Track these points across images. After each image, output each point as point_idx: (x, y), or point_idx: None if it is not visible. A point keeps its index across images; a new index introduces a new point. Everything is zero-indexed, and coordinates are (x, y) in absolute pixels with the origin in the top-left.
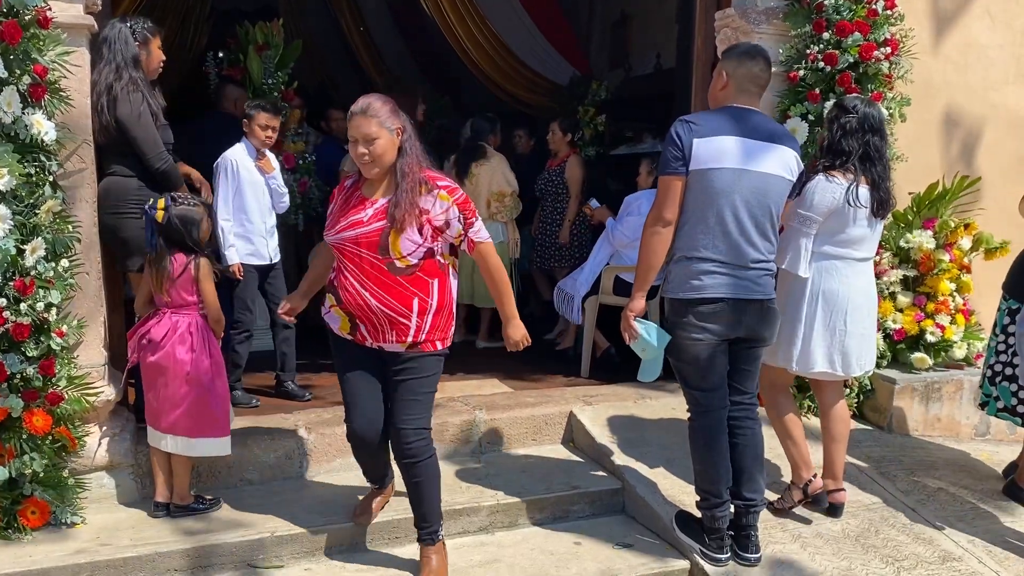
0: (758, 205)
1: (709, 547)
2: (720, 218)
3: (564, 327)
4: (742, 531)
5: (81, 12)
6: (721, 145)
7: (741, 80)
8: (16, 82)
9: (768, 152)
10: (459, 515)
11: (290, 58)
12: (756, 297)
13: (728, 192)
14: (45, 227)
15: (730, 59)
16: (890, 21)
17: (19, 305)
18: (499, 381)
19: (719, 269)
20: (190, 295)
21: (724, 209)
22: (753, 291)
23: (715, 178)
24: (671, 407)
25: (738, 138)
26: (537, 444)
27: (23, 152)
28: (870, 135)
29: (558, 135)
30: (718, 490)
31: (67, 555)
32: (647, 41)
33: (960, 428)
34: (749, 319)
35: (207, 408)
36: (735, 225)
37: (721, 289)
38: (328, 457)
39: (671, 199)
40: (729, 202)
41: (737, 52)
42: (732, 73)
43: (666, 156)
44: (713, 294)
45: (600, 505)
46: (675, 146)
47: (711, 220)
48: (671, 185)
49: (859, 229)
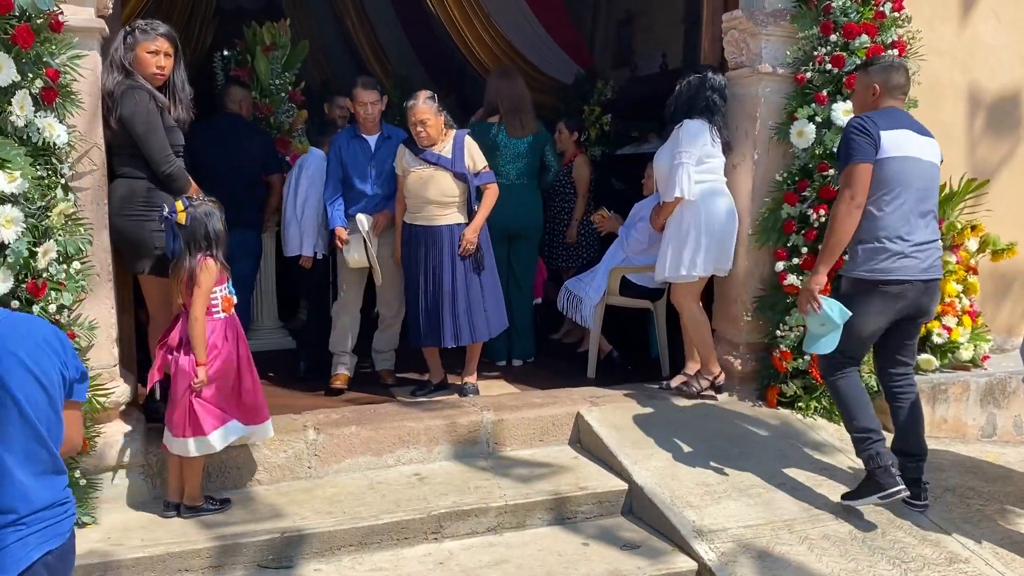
0: (928, 190)
1: (884, 486)
2: (905, 203)
3: (571, 326)
4: (914, 484)
5: (92, 16)
6: (900, 137)
7: (892, 89)
8: (28, 85)
9: (929, 143)
10: (467, 516)
11: (297, 58)
12: (933, 277)
13: (911, 179)
14: (57, 229)
15: (877, 71)
16: (897, 23)
17: (31, 307)
18: (506, 382)
19: (906, 250)
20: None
21: (910, 194)
22: (930, 272)
23: (901, 166)
24: (678, 408)
25: (910, 131)
26: (544, 445)
27: (35, 155)
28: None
29: (564, 134)
30: (877, 427)
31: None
32: (653, 41)
33: (966, 429)
34: (924, 298)
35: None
36: (916, 209)
37: (908, 271)
38: (337, 457)
39: (864, 183)
40: (912, 188)
41: (883, 64)
42: (883, 83)
43: (856, 145)
44: (901, 276)
45: (608, 506)
46: (866, 135)
47: (899, 205)
48: (864, 171)
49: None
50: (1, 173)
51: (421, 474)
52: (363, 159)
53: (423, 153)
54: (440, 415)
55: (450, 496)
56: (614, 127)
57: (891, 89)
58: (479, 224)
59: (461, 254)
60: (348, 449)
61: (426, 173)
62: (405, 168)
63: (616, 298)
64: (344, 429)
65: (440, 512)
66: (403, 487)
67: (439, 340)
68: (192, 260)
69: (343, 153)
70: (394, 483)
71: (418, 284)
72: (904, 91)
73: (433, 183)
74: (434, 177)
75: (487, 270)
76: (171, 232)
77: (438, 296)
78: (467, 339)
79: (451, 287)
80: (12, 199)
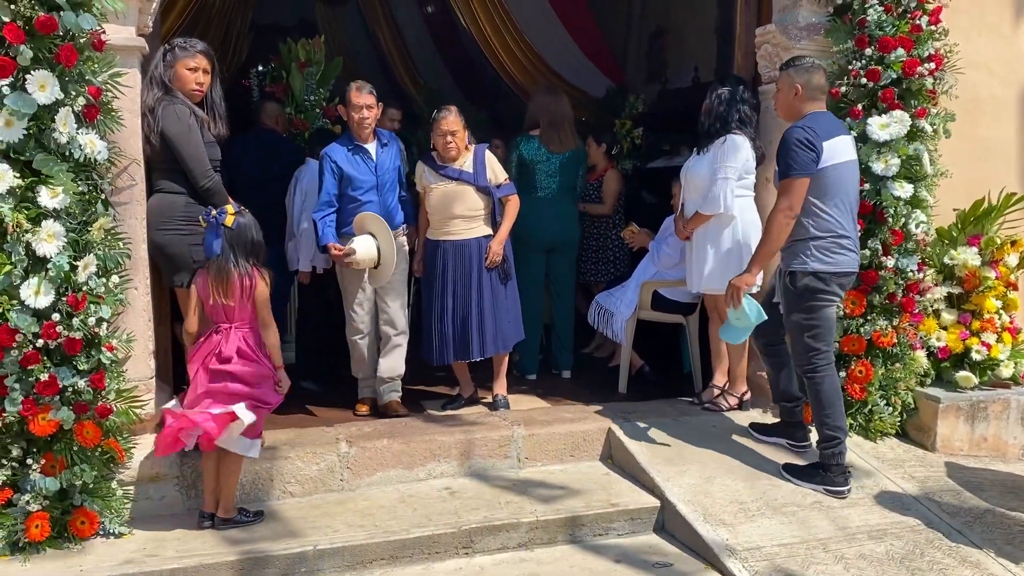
0: (856, 188)
1: (835, 482)
2: (844, 202)
3: (601, 340)
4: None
5: (133, 34)
6: (838, 143)
7: (813, 90)
8: (71, 103)
9: (851, 142)
10: (498, 531)
11: (331, 75)
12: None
13: (847, 181)
14: (97, 244)
15: (799, 72)
16: (934, 36)
17: (71, 320)
18: (536, 396)
19: (850, 245)
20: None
21: (847, 194)
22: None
23: (840, 170)
24: (711, 425)
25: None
26: (575, 460)
27: (76, 171)
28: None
29: (594, 148)
30: (844, 427)
31: (115, 565)
32: (685, 54)
33: (1007, 448)
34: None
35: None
36: (851, 208)
37: (852, 264)
38: (369, 470)
39: (802, 195)
40: (849, 188)
41: (804, 66)
42: (805, 84)
43: (799, 159)
44: (849, 268)
45: (639, 523)
46: (809, 149)
47: (840, 204)
48: (803, 184)
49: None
50: (44, 189)
51: (452, 488)
52: (367, 170)
53: (444, 169)
54: (471, 429)
55: (481, 511)
56: (645, 140)
57: (812, 90)
58: (504, 235)
59: (488, 266)
60: (380, 462)
61: (449, 188)
62: (426, 185)
63: (648, 312)
64: (376, 442)
65: (471, 527)
66: (434, 501)
67: (468, 353)
68: (240, 268)
69: (344, 166)
70: (425, 497)
71: (444, 300)
72: (824, 91)
73: (458, 198)
74: (458, 192)
75: (511, 281)
76: (213, 233)
77: (467, 309)
78: (497, 349)
79: (479, 299)
80: (54, 214)
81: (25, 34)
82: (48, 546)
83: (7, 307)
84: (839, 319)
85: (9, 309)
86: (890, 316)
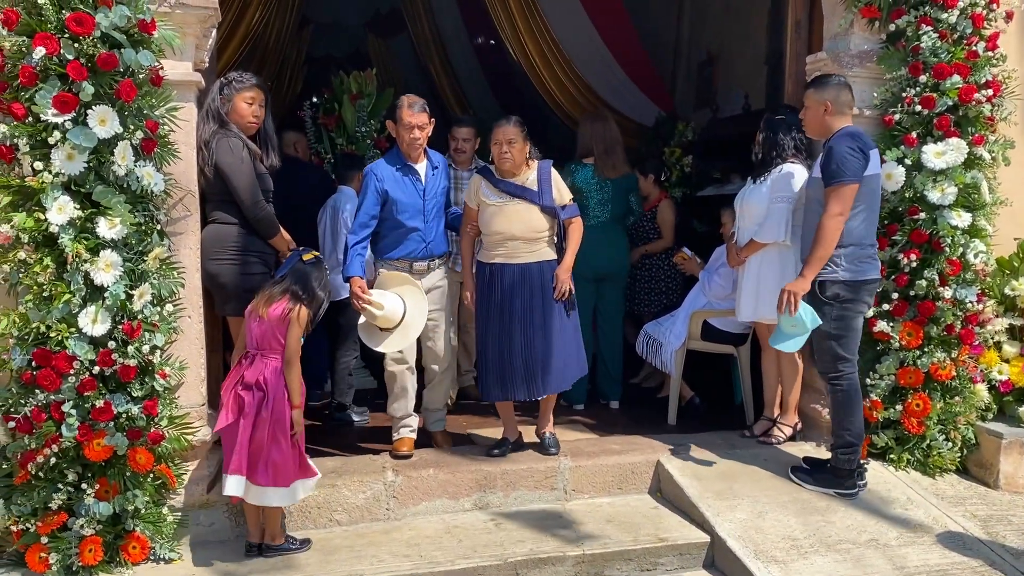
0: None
1: (848, 487)
2: (873, 212)
3: (650, 371)
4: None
5: (190, 69)
6: (875, 156)
7: (841, 106)
8: (130, 137)
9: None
10: (544, 564)
11: (382, 106)
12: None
13: (877, 192)
14: (152, 273)
15: (827, 89)
16: (991, 62)
17: (127, 348)
18: (584, 427)
19: (875, 255)
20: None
21: (876, 205)
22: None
23: (875, 182)
24: (762, 458)
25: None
26: (623, 493)
27: (134, 202)
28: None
29: (642, 179)
30: (863, 434)
31: None
32: (734, 81)
33: None
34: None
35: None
36: (875, 218)
37: (878, 271)
38: (415, 500)
39: (851, 201)
40: (877, 199)
41: (832, 83)
42: (834, 100)
43: (852, 166)
44: (875, 275)
45: (688, 558)
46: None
47: (870, 214)
48: (854, 190)
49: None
50: (103, 220)
51: (497, 519)
52: (414, 193)
53: (504, 184)
54: (517, 460)
55: (527, 543)
56: (695, 168)
57: (841, 105)
58: (571, 263)
59: (557, 296)
60: (425, 491)
61: (509, 207)
62: (482, 201)
63: (698, 343)
64: (422, 471)
65: (516, 559)
66: (479, 532)
67: (534, 391)
68: (289, 295)
69: (390, 187)
70: (470, 527)
71: (507, 333)
72: (851, 107)
73: (518, 217)
74: (518, 211)
75: (575, 311)
76: (289, 262)
77: (532, 343)
78: (562, 387)
79: (545, 332)
80: (112, 244)
81: (87, 71)
82: (100, 570)
83: (65, 335)
84: (895, 351)
85: (67, 337)
86: (948, 348)
